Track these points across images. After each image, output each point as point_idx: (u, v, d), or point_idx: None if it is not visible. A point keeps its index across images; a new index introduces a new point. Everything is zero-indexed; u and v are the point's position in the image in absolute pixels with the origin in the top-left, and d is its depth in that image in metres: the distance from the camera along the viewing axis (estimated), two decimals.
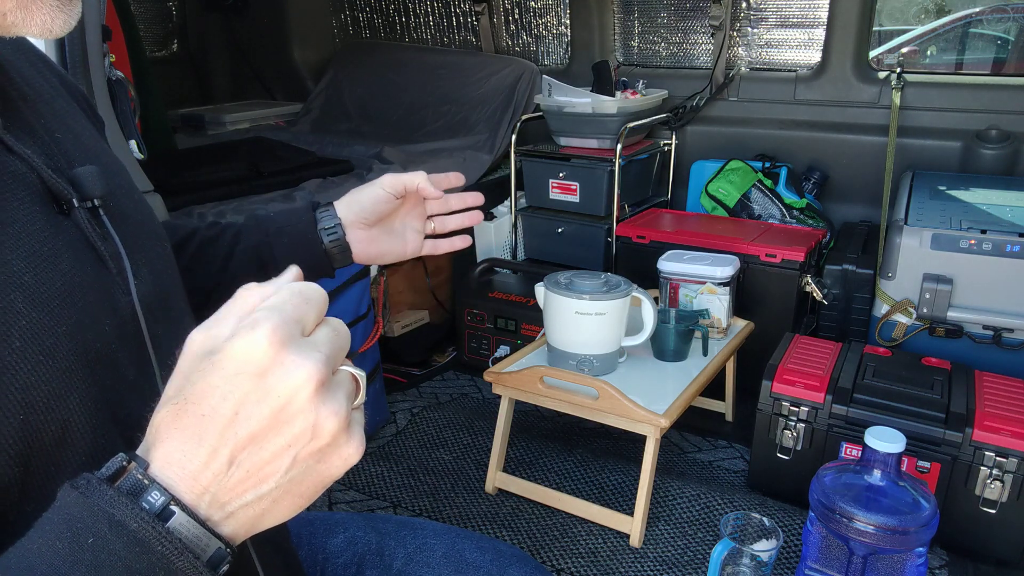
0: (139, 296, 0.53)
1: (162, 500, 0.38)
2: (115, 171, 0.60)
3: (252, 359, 0.39)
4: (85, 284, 0.49)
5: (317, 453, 0.41)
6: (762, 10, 2.53)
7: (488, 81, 2.92)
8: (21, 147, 0.49)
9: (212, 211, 1.98)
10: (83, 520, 0.37)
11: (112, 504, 0.37)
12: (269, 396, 0.39)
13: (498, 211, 2.56)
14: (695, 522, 1.59)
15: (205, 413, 0.39)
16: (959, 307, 1.82)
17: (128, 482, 0.38)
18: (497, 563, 0.78)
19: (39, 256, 0.47)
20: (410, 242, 0.88)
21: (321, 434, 0.40)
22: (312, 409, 0.40)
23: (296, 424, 0.40)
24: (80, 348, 0.47)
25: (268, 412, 0.39)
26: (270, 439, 0.40)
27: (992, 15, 4.19)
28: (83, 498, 0.38)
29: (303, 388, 0.40)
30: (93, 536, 0.37)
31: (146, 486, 0.38)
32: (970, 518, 1.45)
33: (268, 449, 0.40)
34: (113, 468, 0.39)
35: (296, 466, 0.41)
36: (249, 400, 0.39)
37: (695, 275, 1.84)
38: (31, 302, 0.45)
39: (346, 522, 0.83)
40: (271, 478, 0.41)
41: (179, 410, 0.40)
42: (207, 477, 0.39)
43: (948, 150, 2.31)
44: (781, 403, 1.59)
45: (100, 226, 0.52)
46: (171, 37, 3.46)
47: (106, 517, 0.37)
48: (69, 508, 0.37)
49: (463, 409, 2.08)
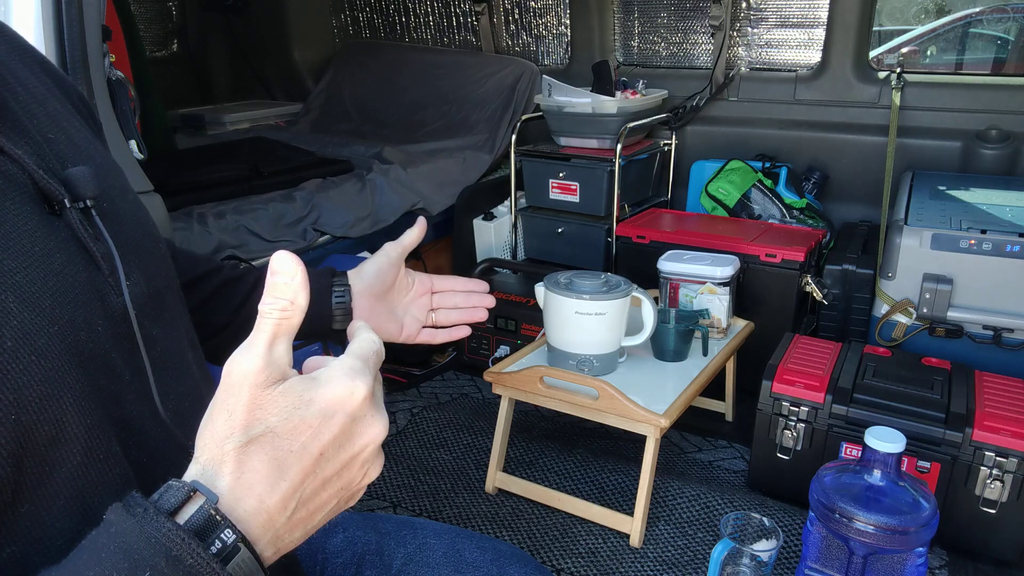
0: (131, 297, 0.52)
1: (233, 539, 0.39)
2: (109, 172, 0.60)
3: (349, 407, 0.42)
4: (77, 284, 0.49)
5: (350, 497, 0.45)
6: (762, 10, 2.53)
7: (488, 81, 2.92)
8: (12, 147, 0.49)
9: (212, 211, 1.98)
10: (140, 552, 0.37)
11: (170, 539, 0.38)
12: (350, 443, 0.43)
13: (498, 211, 2.56)
14: (695, 522, 1.59)
15: (295, 449, 0.41)
16: (959, 307, 1.82)
17: (198, 517, 0.39)
18: (497, 563, 0.78)
19: (31, 256, 0.46)
20: (406, 327, 0.90)
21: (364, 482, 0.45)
22: (370, 461, 0.45)
23: (354, 471, 0.44)
24: (73, 348, 0.46)
25: (343, 457, 0.43)
26: (333, 481, 0.43)
27: (992, 15, 4.19)
28: (139, 527, 0.38)
29: (374, 441, 0.44)
30: (150, 570, 0.37)
31: (218, 523, 0.39)
32: (970, 518, 1.45)
33: (329, 490, 0.43)
34: (178, 499, 0.39)
35: (335, 508, 0.44)
36: (335, 443, 0.42)
37: (695, 275, 1.84)
38: (23, 302, 0.44)
39: (345, 522, 0.83)
40: (318, 515, 0.44)
41: (264, 443, 0.41)
42: (281, 518, 0.41)
43: (948, 150, 2.31)
44: (781, 403, 1.59)
45: (92, 227, 0.52)
46: (171, 37, 3.47)
47: (163, 551, 0.37)
48: (125, 537, 0.38)
49: (463, 409, 2.08)
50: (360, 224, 2.23)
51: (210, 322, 0.80)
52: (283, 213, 2.08)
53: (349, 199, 2.24)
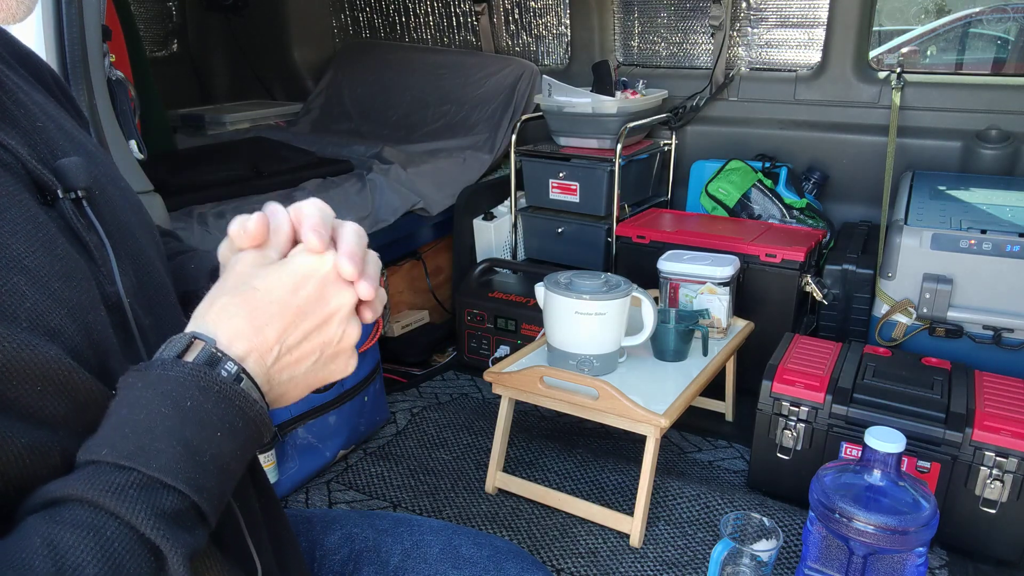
0: (124, 287, 0.53)
1: (235, 369, 0.47)
2: (100, 162, 0.60)
3: (322, 270, 0.51)
4: (79, 270, 0.50)
5: (333, 356, 0.52)
6: (762, 10, 2.53)
7: (488, 81, 2.92)
8: (5, 137, 0.50)
9: (212, 211, 1.98)
10: (176, 391, 0.45)
11: (195, 375, 0.45)
12: (325, 300, 0.51)
13: (498, 211, 2.56)
14: (695, 522, 1.59)
15: (273, 301, 0.49)
16: (959, 307, 1.82)
17: (203, 356, 0.46)
18: (494, 559, 0.78)
19: (36, 240, 0.47)
20: None
21: (344, 343, 0.52)
22: (347, 321, 0.52)
23: (332, 328, 0.51)
24: (83, 329, 0.48)
25: (322, 313, 0.51)
26: (314, 335, 0.50)
27: (992, 15, 4.19)
28: (165, 374, 0.45)
29: (347, 303, 0.52)
30: (190, 400, 0.45)
31: (220, 358, 0.47)
32: (970, 518, 1.45)
33: (311, 342, 0.50)
34: (180, 346, 0.47)
35: (318, 361, 0.51)
36: (311, 299, 0.50)
37: (695, 275, 1.84)
38: (34, 284, 0.45)
39: (343, 519, 0.83)
40: (303, 364, 0.51)
41: (248, 295, 0.49)
42: (271, 356, 0.49)
43: (948, 150, 2.31)
44: (781, 403, 1.59)
45: (84, 217, 0.52)
46: (171, 37, 3.47)
47: (194, 384, 0.45)
48: (158, 384, 0.45)
49: (463, 409, 2.08)
50: (360, 224, 2.22)
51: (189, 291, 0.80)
52: None
53: (349, 199, 2.24)
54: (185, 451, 0.43)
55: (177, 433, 0.43)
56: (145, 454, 0.42)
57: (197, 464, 0.44)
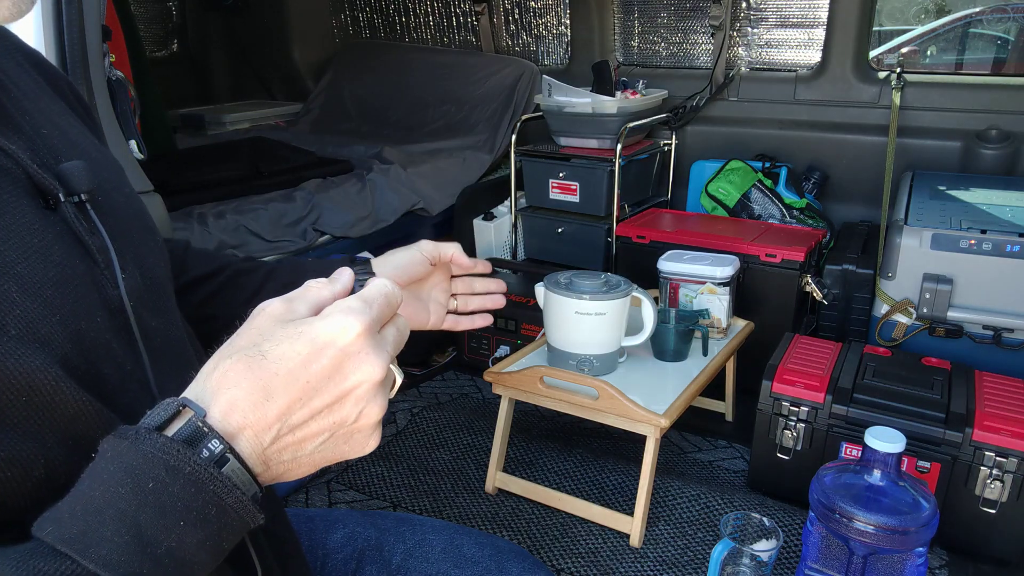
0: (127, 289, 0.53)
1: (220, 449, 0.42)
2: (104, 165, 0.60)
3: (341, 341, 0.44)
4: (76, 276, 0.50)
5: (348, 435, 0.46)
6: (762, 10, 2.53)
7: (488, 81, 2.92)
8: (6, 142, 0.49)
9: (212, 211, 1.98)
10: (140, 468, 0.40)
11: (166, 451, 0.40)
12: (341, 377, 0.44)
13: (498, 211, 2.56)
14: (695, 522, 1.59)
15: (280, 373, 0.43)
16: (959, 307, 1.82)
17: (186, 429, 0.41)
18: (495, 558, 0.78)
19: (30, 247, 0.47)
20: (433, 313, 0.89)
21: (362, 422, 0.46)
22: (365, 400, 0.45)
23: (347, 408, 0.45)
24: (75, 336, 0.47)
25: (336, 390, 0.44)
26: (324, 414, 0.44)
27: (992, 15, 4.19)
28: (135, 447, 0.40)
29: (368, 380, 0.45)
30: (153, 481, 0.40)
31: (205, 434, 0.41)
32: (970, 518, 1.45)
33: (320, 421, 0.44)
34: (166, 414, 0.42)
35: (328, 441, 0.45)
36: (326, 372, 0.44)
37: (695, 275, 1.84)
38: (25, 291, 0.45)
39: (345, 518, 0.83)
40: (308, 444, 0.45)
41: (254, 363, 0.43)
42: (269, 435, 0.43)
43: (948, 150, 2.31)
44: (781, 403, 1.59)
45: (87, 220, 0.52)
46: (171, 37, 3.47)
47: (162, 463, 0.40)
48: (123, 458, 0.40)
49: (463, 409, 2.08)
50: (360, 224, 2.23)
51: (220, 315, 0.80)
52: (283, 213, 2.08)
53: (349, 199, 2.24)
54: (134, 541, 0.39)
55: (130, 518, 0.39)
56: (86, 540, 0.38)
57: (147, 557, 0.39)
